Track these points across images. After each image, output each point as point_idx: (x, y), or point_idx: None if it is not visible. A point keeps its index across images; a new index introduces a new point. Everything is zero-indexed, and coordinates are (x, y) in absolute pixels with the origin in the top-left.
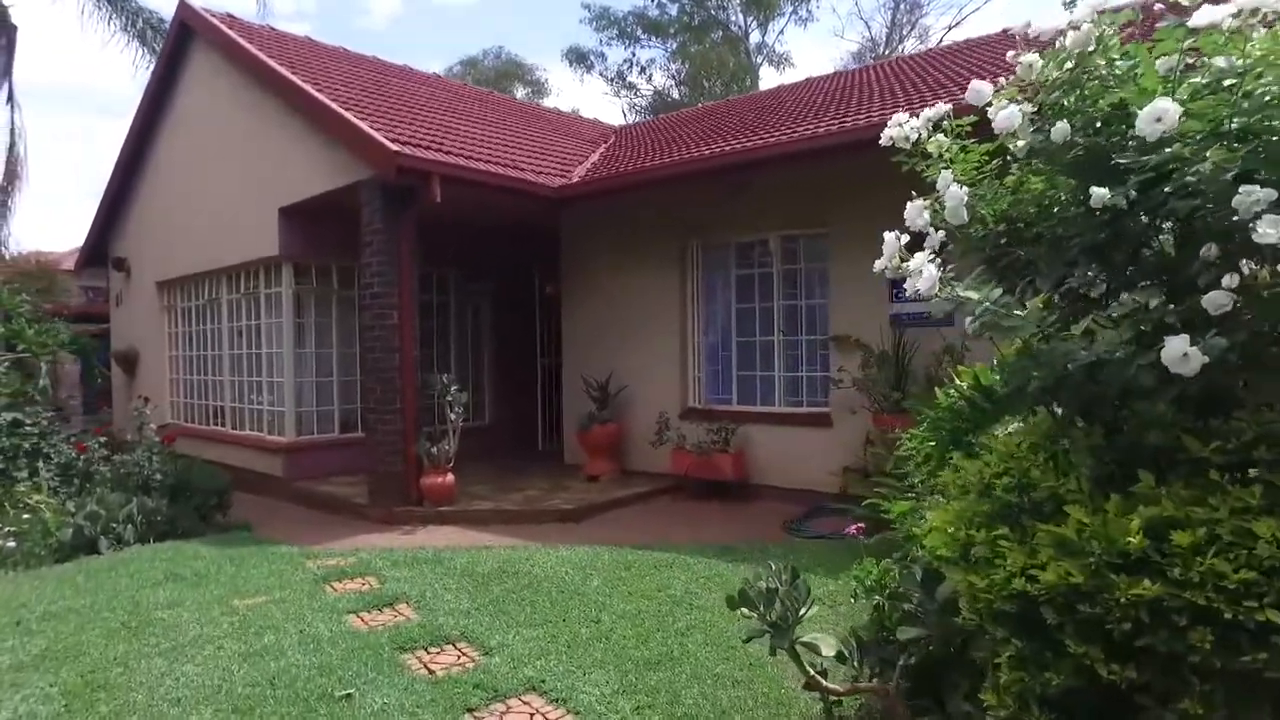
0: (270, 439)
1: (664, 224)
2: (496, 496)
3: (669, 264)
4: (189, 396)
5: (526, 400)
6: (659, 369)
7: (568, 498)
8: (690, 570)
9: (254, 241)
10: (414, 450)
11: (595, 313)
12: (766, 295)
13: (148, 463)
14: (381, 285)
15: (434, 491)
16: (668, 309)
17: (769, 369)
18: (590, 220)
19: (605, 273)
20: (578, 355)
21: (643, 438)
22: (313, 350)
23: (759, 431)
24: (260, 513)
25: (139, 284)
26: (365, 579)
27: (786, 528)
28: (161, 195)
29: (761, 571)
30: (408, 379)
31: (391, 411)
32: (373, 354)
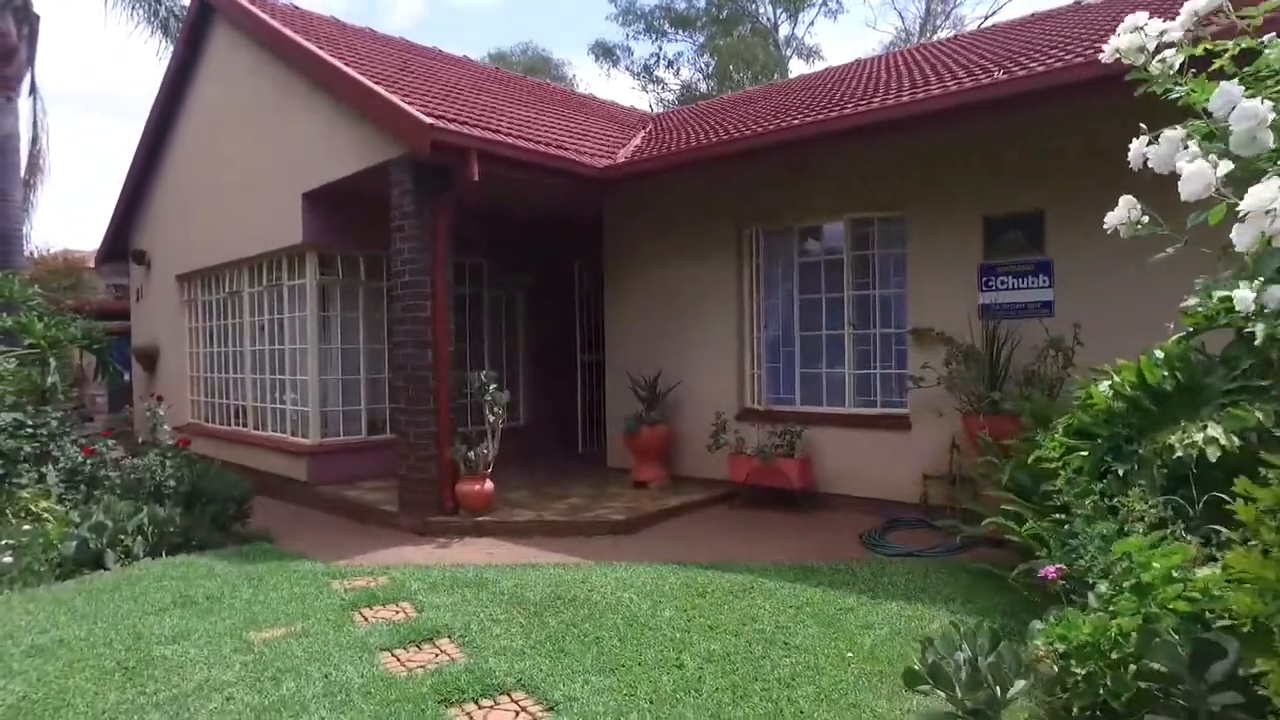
0: (294, 441)
1: (718, 208)
2: (537, 505)
3: (724, 252)
4: (210, 395)
5: (565, 400)
6: (713, 366)
7: (616, 507)
8: (774, 597)
9: (277, 230)
10: (448, 455)
11: (642, 306)
12: (835, 284)
13: (160, 468)
14: (413, 273)
15: (470, 500)
16: (722, 301)
17: (837, 366)
18: (636, 206)
19: (653, 262)
20: (622, 351)
21: (694, 441)
22: (338, 346)
23: (825, 435)
24: (283, 520)
25: (159, 277)
26: (399, 605)
27: (864, 542)
28: (181, 185)
29: (950, 633)
30: (442, 377)
31: (424, 412)
32: (403, 349)
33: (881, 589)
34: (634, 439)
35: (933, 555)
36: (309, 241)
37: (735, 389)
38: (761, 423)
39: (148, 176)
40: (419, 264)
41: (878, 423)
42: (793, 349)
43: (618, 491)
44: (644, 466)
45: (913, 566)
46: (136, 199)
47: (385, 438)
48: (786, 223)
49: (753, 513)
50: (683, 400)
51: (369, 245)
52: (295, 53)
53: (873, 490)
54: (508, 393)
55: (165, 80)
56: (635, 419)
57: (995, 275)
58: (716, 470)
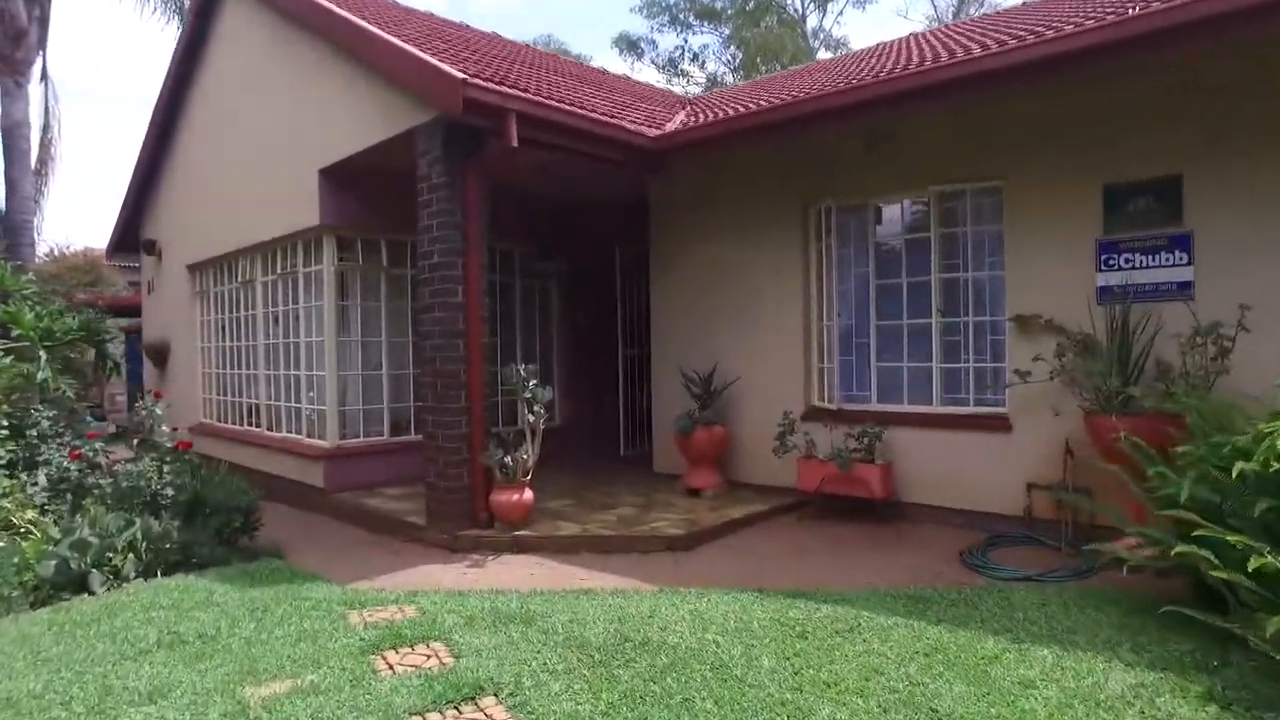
0: (310, 443)
1: (783, 183)
2: (582, 516)
3: (788, 232)
4: (222, 393)
5: (606, 397)
6: (774, 360)
7: (671, 519)
8: (891, 639)
9: (291, 211)
10: (482, 460)
11: (693, 294)
12: (919, 267)
13: (156, 474)
14: (442, 254)
15: (507, 511)
16: (786, 287)
17: (922, 359)
18: (687, 183)
19: (706, 246)
20: (670, 344)
21: (753, 443)
22: (358, 338)
23: (907, 437)
24: (296, 532)
25: (170, 268)
26: (431, 648)
27: (965, 562)
28: (192, 169)
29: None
30: (475, 372)
31: (454, 412)
32: (431, 340)
33: (1020, 628)
34: (687, 441)
35: (1057, 581)
36: (326, 223)
37: (801, 385)
38: (832, 423)
39: (158, 162)
40: (449, 243)
41: (970, 423)
42: (867, 340)
43: (669, 500)
44: (697, 471)
45: (1046, 598)
46: (147, 186)
47: (409, 439)
48: (862, 198)
49: (826, 525)
50: (739, 398)
51: (392, 227)
52: (313, 12)
53: (964, 501)
54: (550, 389)
55: (174, 59)
56: (688, 419)
57: (1118, 252)
58: (779, 476)
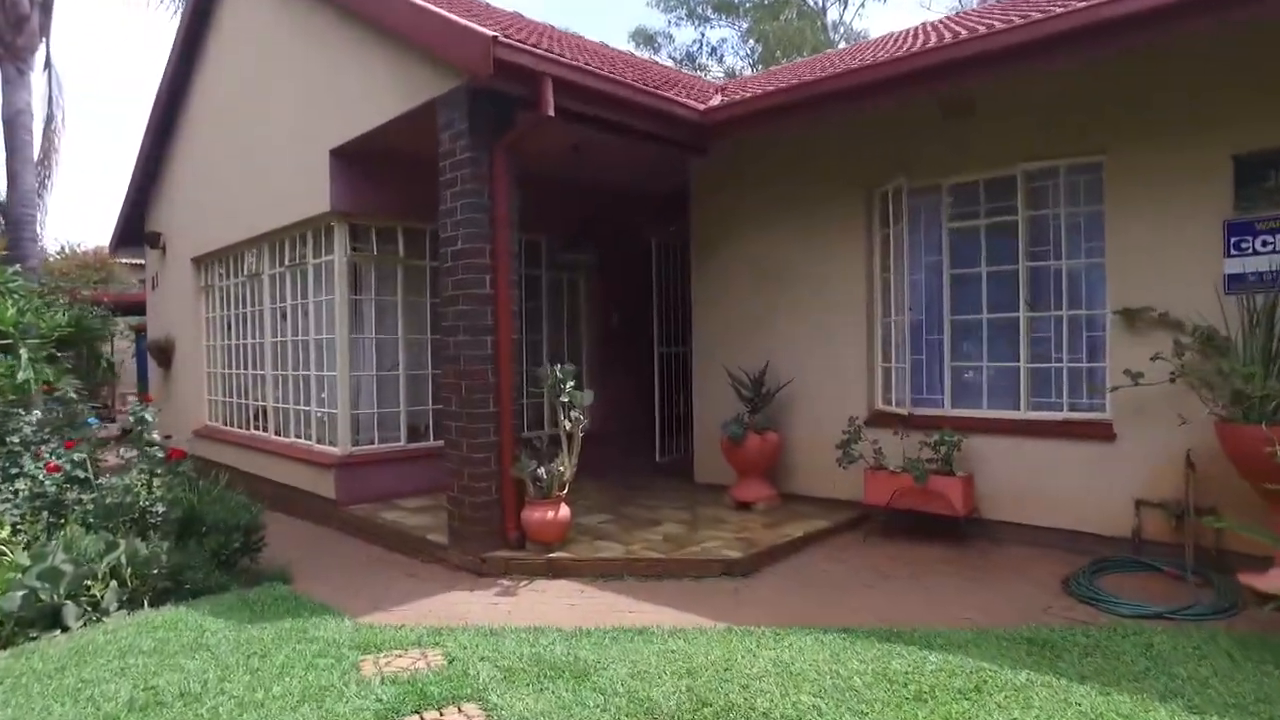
0: (320, 450)
1: (843, 165)
2: (623, 534)
3: (849, 218)
4: (227, 394)
5: (640, 400)
6: (832, 360)
7: (725, 538)
8: (1031, 703)
9: (300, 197)
10: (513, 473)
11: (740, 287)
12: (1002, 254)
13: (145, 488)
14: (468, 238)
15: (541, 530)
16: (846, 278)
17: (1004, 357)
18: (733, 167)
19: (754, 234)
20: (714, 342)
21: (807, 451)
22: (373, 335)
23: (987, 446)
24: (304, 549)
25: (174, 262)
26: (463, 711)
27: (1070, 591)
28: (196, 157)
29: None
30: (504, 372)
31: (481, 417)
32: (454, 337)
33: (1189, 690)
34: (737, 450)
35: (1195, 619)
36: (338, 209)
37: (863, 388)
38: (902, 429)
39: (161, 151)
40: (475, 226)
41: (1063, 431)
42: (940, 337)
43: (717, 515)
44: (748, 483)
45: (1197, 644)
46: (150, 177)
47: (428, 445)
48: (935, 178)
49: (897, 545)
50: (792, 402)
51: (409, 214)
52: None
53: (1054, 518)
54: (590, 392)
55: (176, 41)
56: (739, 425)
57: (1254, 234)
58: (840, 488)
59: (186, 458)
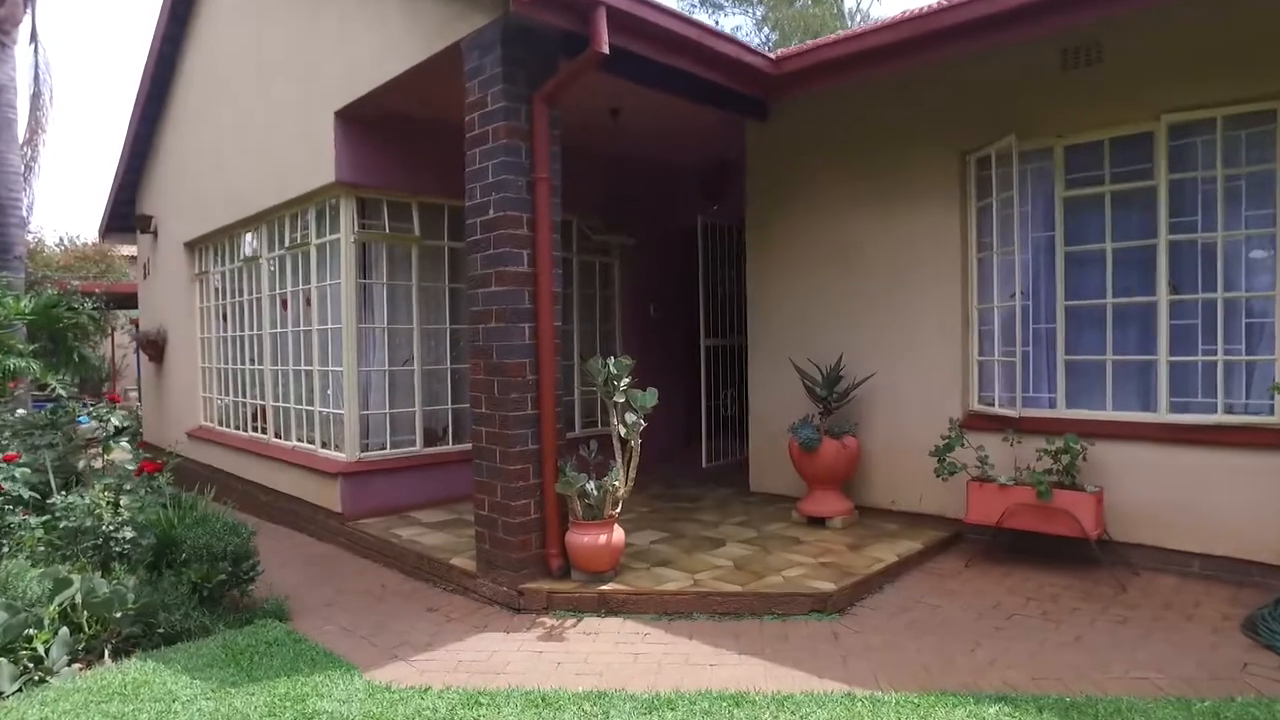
0: (324, 456)
1: (933, 127)
2: (682, 558)
3: (939, 189)
4: (223, 392)
5: (681, 398)
6: (917, 352)
7: (806, 564)
8: None
9: (302, 168)
10: (557, 488)
11: (806, 270)
12: (1134, 227)
13: (110, 509)
14: (502, 205)
15: (590, 557)
16: (935, 259)
17: (1134, 349)
18: (797, 134)
19: (824, 211)
20: (774, 334)
21: (887, 458)
22: (384, 325)
23: (1115, 455)
24: (307, 574)
25: (167, 248)
26: None
27: (1259, 637)
28: (189, 131)
29: None
30: (546, 367)
31: (518, 421)
32: (485, 323)
33: None
34: (810, 458)
35: None
36: (344, 180)
37: (956, 385)
38: (1009, 434)
39: (151, 127)
40: (511, 190)
41: (1218, 438)
42: (1054, 326)
43: (787, 533)
44: (821, 495)
45: None
46: (139, 156)
47: (447, 450)
48: (1047, 138)
49: (1010, 573)
50: (868, 401)
51: (426, 186)
52: None
53: (1206, 542)
54: (654, 391)
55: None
56: (813, 429)
57: None
58: (926, 501)
59: (164, 470)
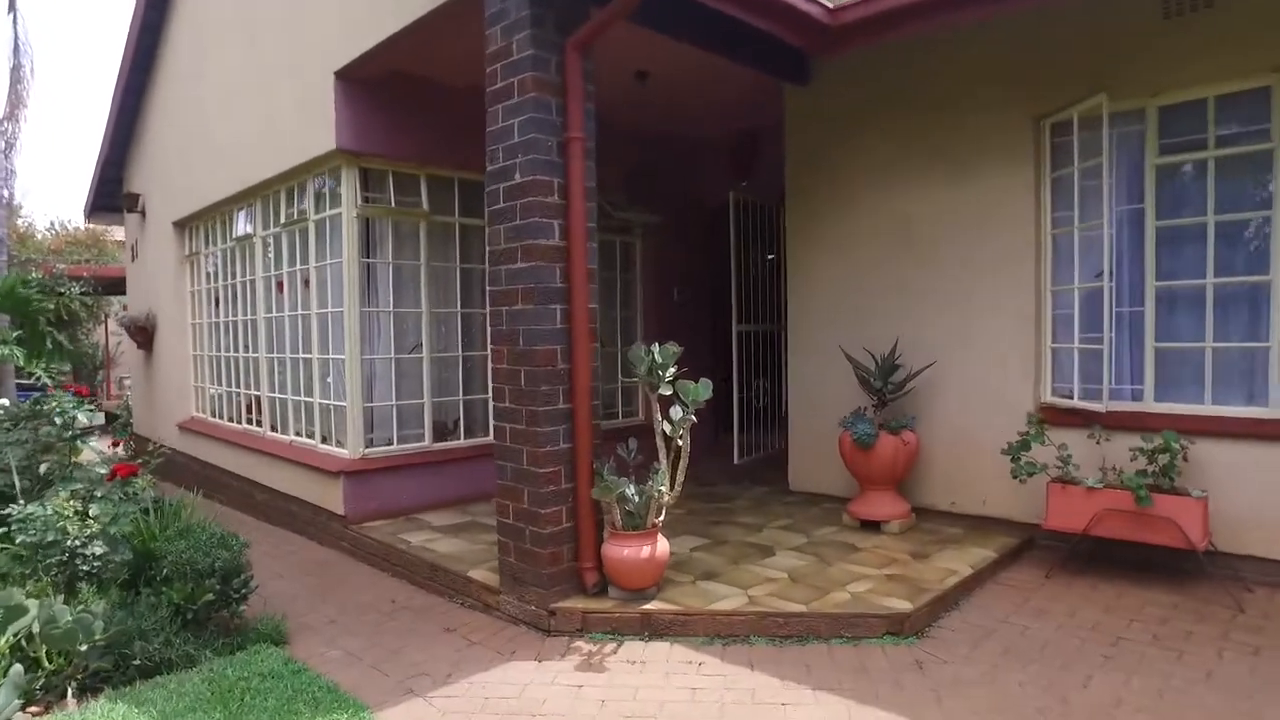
0: (325, 452)
1: (1003, 88)
2: (730, 569)
3: (1010, 159)
4: (215, 381)
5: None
6: (983, 339)
7: (871, 576)
8: None
9: (299, 135)
10: (593, 493)
11: (855, 249)
12: (1240, 196)
13: (77, 521)
14: (530, 168)
15: (630, 571)
16: (1005, 236)
17: (1241, 335)
18: (845, 98)
19: (876, 184)
20: (818, 319)
21: (947, 455)
22: (389, 309)
23: (1218, 454)
24: (307, 586)
25: (155, 227)
26: None
27: None
28: (177, 101)
29: None
30: (581, 353)
31: (550, 418)
32: (510, 305)
33: None
34: (866, 455)
35: None
36: (345, 148)
37: (1028, 375)
38: (1095, 431)
39: (136, 99)
40: (540, 152)
41: None
42: (1139, 309)
43: (839, 538)
44: (876, 497)
45: None
46: (124, 131)
47: (459, 446)
48: (1135, 99)
49: (1099, 587)
50: (924, 392)
51: (435, 157)
52: None
53: None
54: (708, 383)
55: None
56: (867, 422)
57: None
58: (992, 503)
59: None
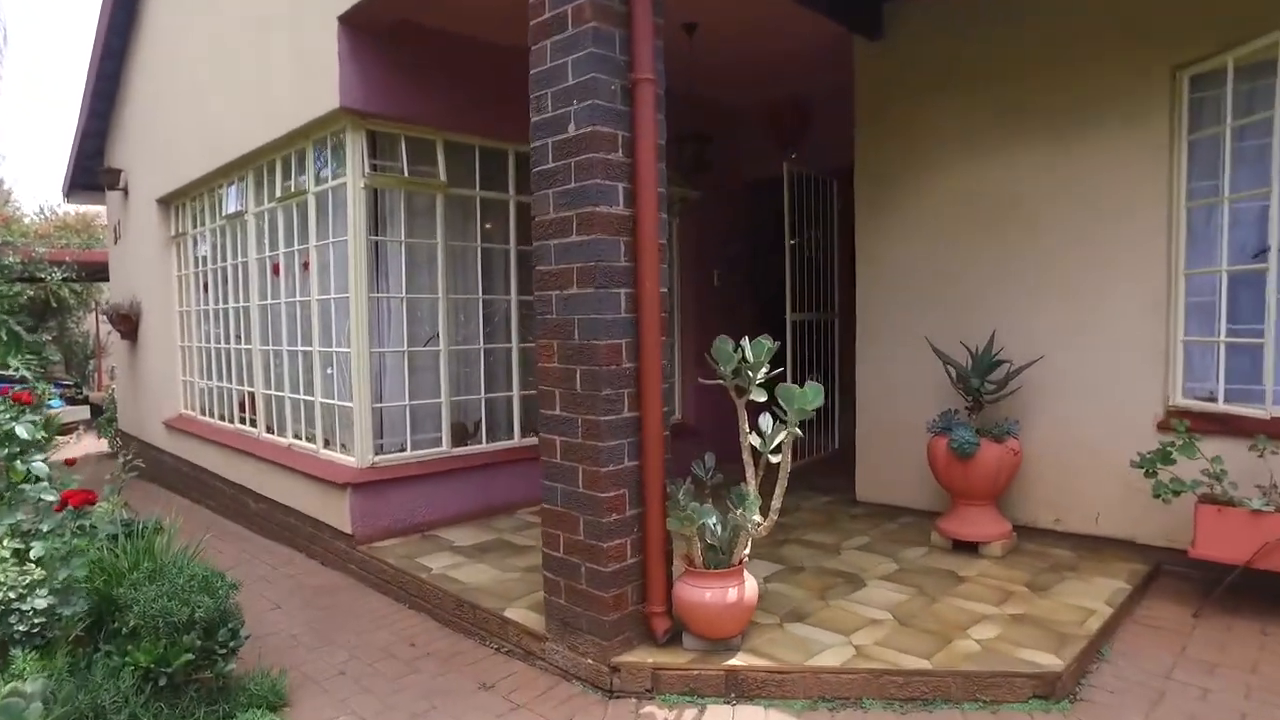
0: (327, 460)
1: (1123, 32)
2: (818, 605)
3: (1134, 122)
4: (205, 375)
5: None
6: (1098, 332)
7: (992, 616)
8: None
9: (296, 94)
10: (670, 523)
11: (939, 230)
12: None
13: (12, 570)
14: (586, 117)
15: (713, 619)
16: (1126, 209)
17: None
18: (928, 51)
19: (965, 156)
20: (892, 305)
21: (1053, 464)
22: (402, 295)
23: None
24: (310, 623)
25: (138, 205)
26: None
27: None
28: (159, 66)
29: None
30: (649, 349)
31: (613, 429)
32: (561, 290)
33: None
34: (966, 465)
35: None
36: (351, 106)
37: (1155, 372)
38: (1250, 439)
39: (116, 64)
40: (601, 97)
41: None
42: None
43: (933, 562)
44: (974, 513)
45: None
46: (104, 100)
47: (479, 450)
48: None
49: (1259, 630)
50: (1024, 391)
51: (454, 121)
52: None
53: None
54: (818, 386)
55: None
56: (968, 428)
57: None
58: (1108, 521)
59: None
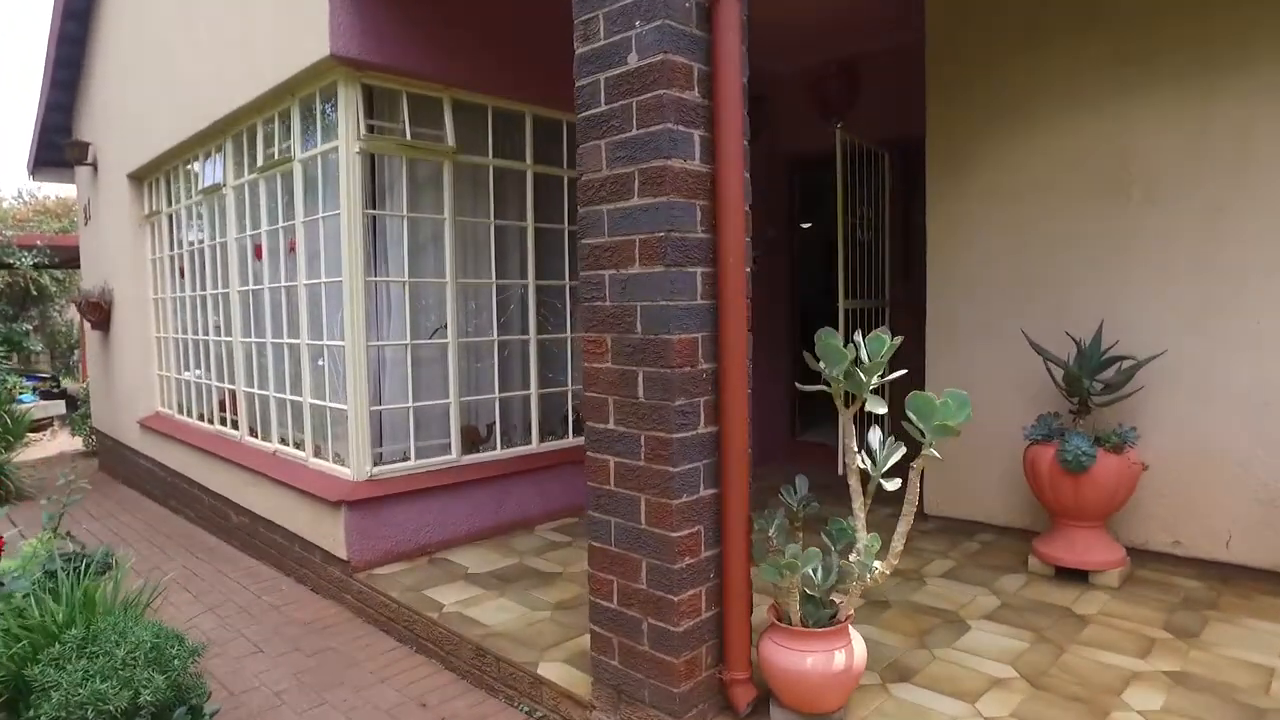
0: (318, 471)
1: None
2: (919, 655)
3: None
4: (182, 369)
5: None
6: (1238, 316)
7: (1142, 674)
8: None
9: (279, 41)
10: (760, 571)
11: (1027, 200)
12: None
13: None
14: (652, 44)
15: (813, 690)
16: (1274, 173)
17: None
18: (1010, 7)
19: (1070, 111)
20: (971, 291)
21: (1174, 476)
22: (403, 279)
23: None
24: (295, 674)
25: (109, 183)
26: None
27: None
28: (125, 23)
29: None
30: (734, 347)
31: (685, 449)
32: (617, 269)
33: None
34: (1077, 480)
35: None
36: (343, 54)
37: None
38: None
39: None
40: (673, 17)
41: None
42: None
43: (1040, 595)
44: (1079, 535)
45: None
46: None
47: (493, 458)
48: None
49: None
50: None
51: (464, 76)
52: None
53: None
54: (962, 396)
55: None
56: (1083, 437)
57: None
58: (1241, 542)
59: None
